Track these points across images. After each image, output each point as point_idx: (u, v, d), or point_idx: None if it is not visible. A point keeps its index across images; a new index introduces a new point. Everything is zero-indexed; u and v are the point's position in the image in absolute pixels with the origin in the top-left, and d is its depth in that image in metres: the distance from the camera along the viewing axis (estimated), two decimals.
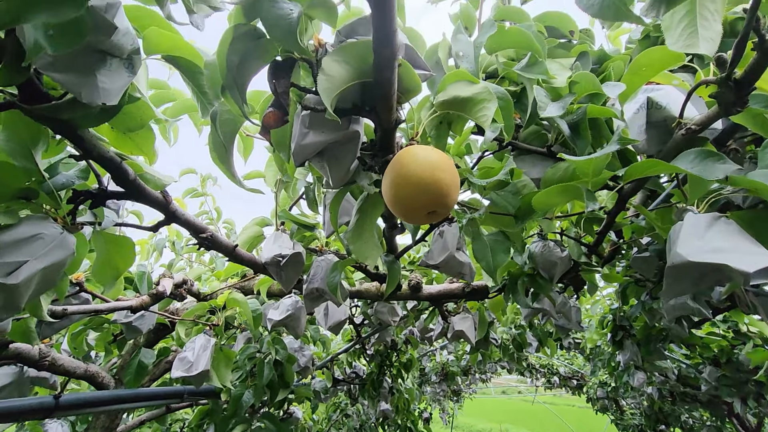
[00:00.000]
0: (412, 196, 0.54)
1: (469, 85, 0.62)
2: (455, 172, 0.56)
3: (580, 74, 0.70)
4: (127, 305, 1.34)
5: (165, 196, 0.84)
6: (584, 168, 0.58)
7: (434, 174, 0.54)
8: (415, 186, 0.54)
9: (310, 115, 0.72)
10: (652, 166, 0.56)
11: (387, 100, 0.60)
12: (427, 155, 0.55)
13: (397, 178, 0.55)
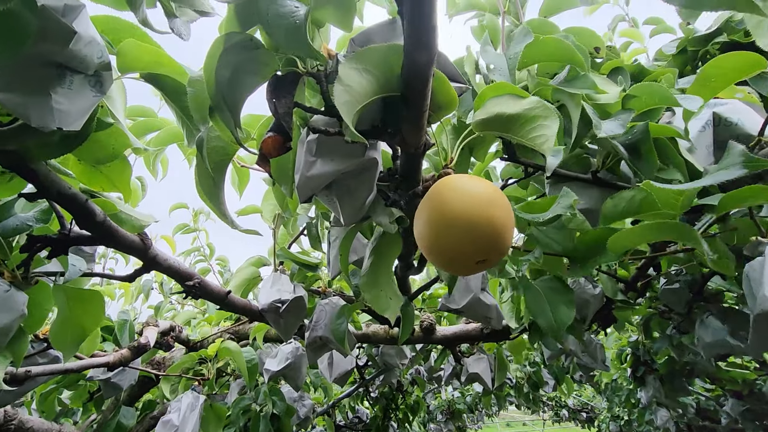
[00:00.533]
0: (460, 241, 0.41)
1: (516, 99, 0.50)
2: (509, 207, 0.44)
3: (641, 87, 0.59)
4: (104, 362, 1.17)
5: (143, 240, 0.70)
6: (671, 199, 0.45)
7: (488, 212, 0.41)
8: (463, 229, 0.41)
9: (318, 141, 0.60)
10: (758, 194, 0.44)
11: (416, 120, 0.48)
12: (474, 187, 0.43)
13: (437, 218, 0.42)
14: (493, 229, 0.41)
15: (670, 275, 1.52)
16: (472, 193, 0.42)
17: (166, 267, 0.76)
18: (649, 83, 0.59)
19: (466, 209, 0.41)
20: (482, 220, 0.41)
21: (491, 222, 0.41)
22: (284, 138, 0.56)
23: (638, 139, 0.59)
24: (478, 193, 0.42)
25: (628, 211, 0.56)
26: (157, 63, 0.58)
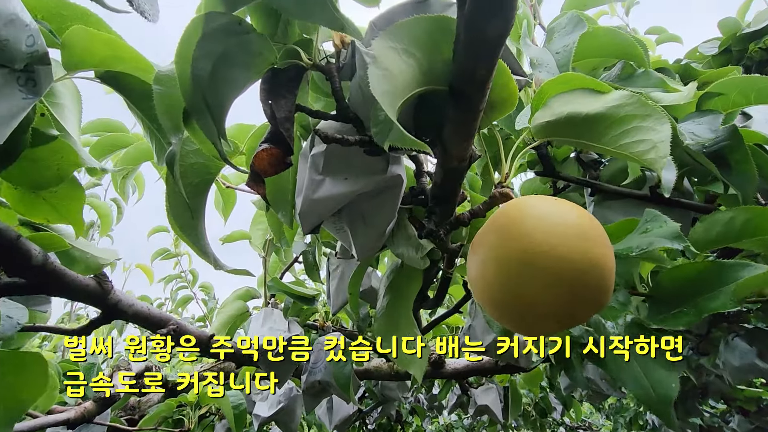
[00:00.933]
0: (546, 294, 0.28)
1: (594, 95, 0.38)
2: (609, 241, 0.31)
3: (731, 81, 0.48)
4: (63, 419, 0.99)
5: (101, 283, 0.55)
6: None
7: (590, 251, 0.28)
8: (554, 275, 0.28)
9: (326, 154, 0.46)
10: None
11: (468, 123, 0.35)
12: (565, 214, 0.30)
13: (509, 259, 0.29)
14: (598, 276, 0.28)
15: None
16: (563, 221, 0.29)
17: (132, 314, 0.61)
18: (742, 76, 0.48)
19: (556, 245, 0.28)
20: (583, 262, 0.28)
21: (596, 265, 0.28)
22: (283, 151, 0.42)
23: (724, 146, 0.48)
24: (572, 222, 0.29)
25: (726, 236, 0.44)
26: (116, 57, 0.45)
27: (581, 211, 0.31)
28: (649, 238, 0.38)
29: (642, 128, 0.34)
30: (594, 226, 0.30)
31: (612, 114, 0.36)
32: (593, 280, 0.28)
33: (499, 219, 0.32)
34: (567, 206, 0.31)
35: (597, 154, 0.68)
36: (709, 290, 0.40)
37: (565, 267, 0.28)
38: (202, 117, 0.39)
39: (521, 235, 0.29)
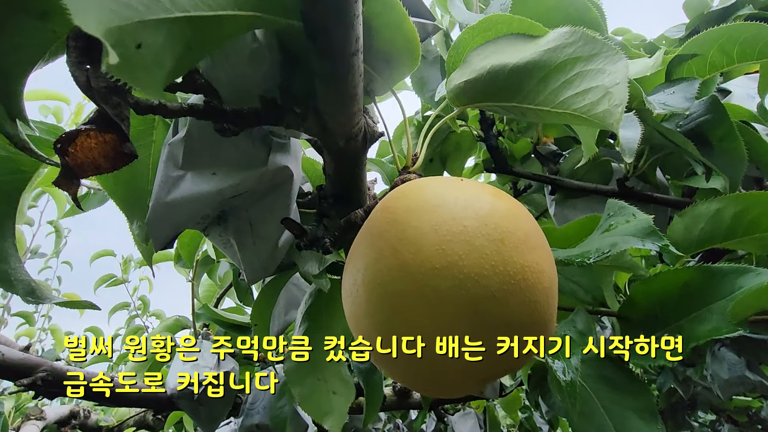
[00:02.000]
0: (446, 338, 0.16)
1: (525, 41, 0.27)
2: (545, 239, 0.19)
3: (711, 35, 0.38)
4: None
5: None
6: None
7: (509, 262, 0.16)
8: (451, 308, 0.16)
9: (186, 142, 0.34)
10: None
11: (338, 74, 0.23)
12: (471, 204, 0.18)
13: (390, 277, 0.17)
14: (527, 298, 0.17)
15: None
16: (471, 214, 0.17)
17: None
18: (722, 27, 0.38)
19: (463, 254, 0.16)
20: (501, 278, 0.16)
21: (521, 281, 0.17)
22: (118, 137, 0.30)
23: (703, 121, 0.38)
24: (484, 214, 0.17)
25: (713, 235, 0.33)
26: None
27: (499, 195, 0.19)
28: (613, 238, 0.27)
29: (588, 72, 0.23)
30: (514, 215, 0.18)
31: (548, 60, 0.25)
32: (520, 308, 0.17)
33: (376, 216, 0.20)
34: (475, 189, 0.19)
35: (554, 146, 0.58)
36: (696, 308, 0.29)
37: (473, 291, 0.16)
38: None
39: (401, 241, 0.18)
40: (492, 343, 0.17)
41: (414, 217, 0.18)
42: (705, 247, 0.34)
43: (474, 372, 0.18)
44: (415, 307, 0.16)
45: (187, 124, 0.35)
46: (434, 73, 0.47)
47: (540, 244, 0.18)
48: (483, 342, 0.17)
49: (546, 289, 0.17)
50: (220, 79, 0.29)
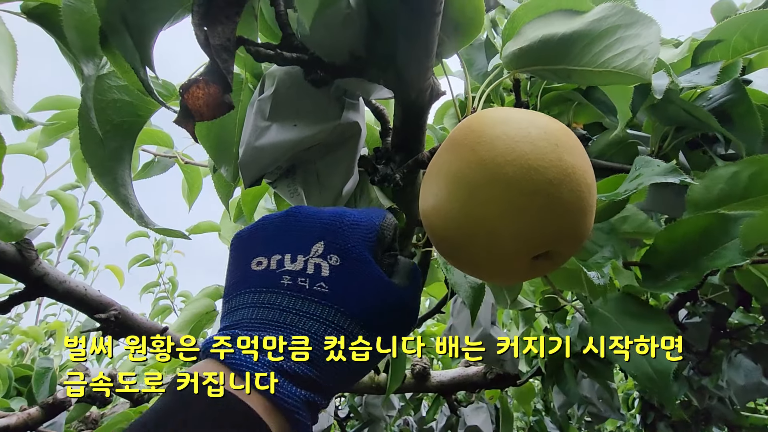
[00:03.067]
0: (511, 212, 0.22)
1: (573, 15, 0.33)
2: (588, 157, 0.25)
3: (736, 21, 0.43)
4: (2, 425, 0.90)
5: (22, 251, 0.49)
6: None
7: (562, 159, 0.22)
8: (519, 187, 0.22)
9: (274, 98, 0.41)
10: None
11: (422, 36, 0.29)
12: (534, 120, 0.24)
13: (468, 171, 0.23)
14: (573, 190, 0.22)
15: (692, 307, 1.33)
16: (532, 127, 0.23)
17: (63, 292, 0.54)
18: (747, 13, 0.43)
19: (525, 151, 0.22)
20: (555, 171, 0.22)
21: (570, 175, 0.22)
22: (221, 87, 0.37)
23: (726, 100, 0.42)
24: (543, 127, 0.23)
25: (730, 195, 0.38)
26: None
27: (558, 123, 0.25)
28: (639, 179, 0.32)
29: (627, 37, 0.28)
30: (567, 133, 0.24)
31: (593, 29, 0.30)
32: (568, 194, 0.22)
33: (455, 133, 0.26)
34: (535, 113, 0.25)
35: (583, 130, 0.63)
36: (713, 247, 0.33)
37: (535, 178, 0.22)
38: (119, 37, 0.34)
39: (480, 143, 0.23)
40: (546, 219, 0.22)
41: (488, 128, 0.23)
42: (723, 206, 0.39)
43: (529, 246, 0.23)
44: (489, 189, 0.22)
45: (275, 83, 0.42)
46: (480, 55, 0.53)
47: (584, 154, 0.24)
48: (539, 218, 0.22)
49: (588, 185, 0.23)
50: (315, 40, 0.35)
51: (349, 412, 2.18)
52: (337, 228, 0.26)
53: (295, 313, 0.23)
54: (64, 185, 1.24)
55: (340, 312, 0.24)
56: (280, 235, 0.27)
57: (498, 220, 0.22)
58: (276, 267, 0.25)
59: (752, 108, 0.40)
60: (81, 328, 1.60)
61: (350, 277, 0.25)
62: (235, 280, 0.26)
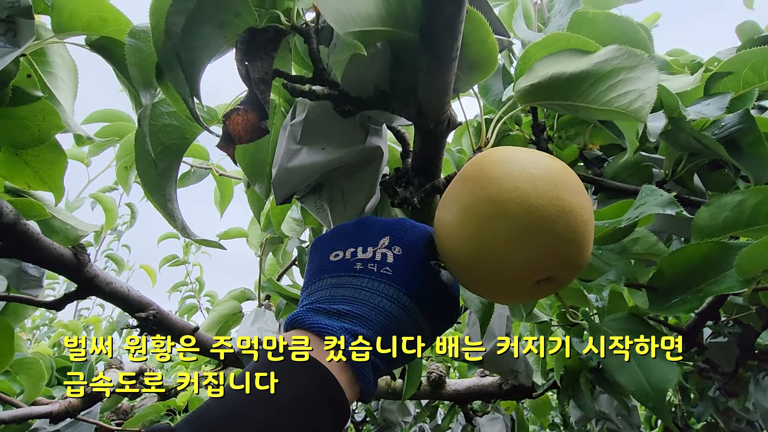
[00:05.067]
0: (514, 243, 0.25)
1: (581, 55, 0.36)
2: (587, 194, 0.27)
3: (741, 57, 0.44)
4: (46, 411, 0.97)
5: (77, 255, 0.54)
6: None
7: (561, 198, 0.25)
8: (521, 222, 0.25)
9: (305, 123, 0.45)
10: None
11: (440, 73, 0.33)
12: (537, 161, 0.27)
13: (476, 205, 0.26)
14: (569, 224, 0.25)
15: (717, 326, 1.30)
16: (535, 168, 0.26)
17: (109, 292, 0.59)
18: (755, 49, 0.44)
19: (526, 190, 0.25)
20: (552, 209, 0.25)
21: (567, 212, 0.25)
22: (258, 115, 0.41)
23: (736, 130, 0.44)
24: (544, 168, 0.26)
25: (735, 222, 0.40)
26: (101, 19, 0.45)
27: (561, 163, 0.28)
28: (642, 209, 0.34)
29: (629, 79, 0.31)
30: (572, 177, 0.27)
31: (598, 70, 0.33)
32: (564, 228, 0.25)
33: (467, 168, 0.29)
34: (544, 156, 0.28)
35: (599, 152, 0.65)
36: (714, 274, 0.35)
37: (535, 215, 0.25)
38: (173, 72, 0.39)
39: (488, 181, 0.26)
40: (545, 248, 0.25)
41: (496, 167, 0.26)
42: (728, 233, 0.40)
43: (530, 272, 0.26)
44: (496, 222, 0.25)
45: (306, 110, 0.46)
46: (497, 82, 0.55)
47: (582, 192, 0.26)
48: (539, 248, 0.25)
49: (585, 222, 0.25)
50: (343, 75, 0.39)
51: (366, 417, 2.21)
52: (401, 227, 0.32)
53: (365, 290, 0.29)
54: (103, 188, 1.32)
55: (401, 290, 0.29)
56: (353, 235, 0.33)
57: (504, 248, 0.25)
58: (350, 257, 0.31)
59: (761, 138, 0.41)
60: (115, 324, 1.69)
61: (409, 264, 0.30)
62: (313, 272, 0.33)
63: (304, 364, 0.25)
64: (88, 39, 0.49)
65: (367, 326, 0.27)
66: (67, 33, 0.47)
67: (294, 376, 0.25)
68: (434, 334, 0.32)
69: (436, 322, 0.31)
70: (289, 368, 0.25)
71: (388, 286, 0.29)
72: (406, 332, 0.29)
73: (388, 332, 0.28)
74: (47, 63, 0.52)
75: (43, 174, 0.51)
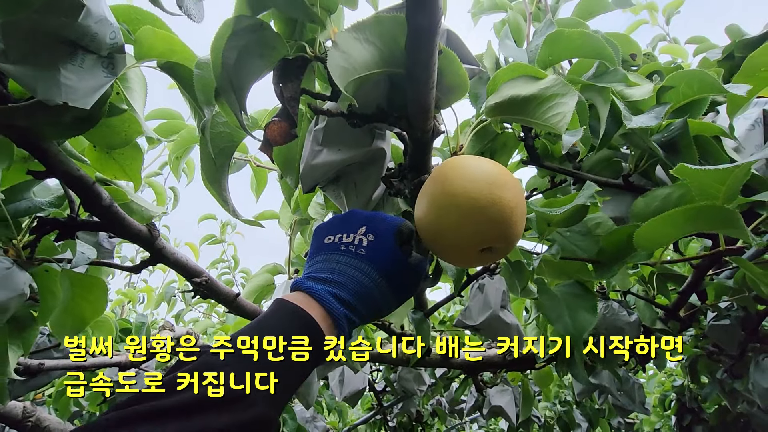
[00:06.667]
0: (460, 224, 0.37)
1: (532, 80, 0.46)
2: (520, 190, 0.39)
3: (679, 75, 0.54)
4: (116, 362, 1.17)
5: (151, 230, 0.70)
6: (711, 188, 0.39)
7: (492, 192, 0.37)
8: (464, 210, 0.37)
9: (325, 130, 0.58)
10: None
11: (421, 98, 0.44)
12: (480, 166, 0.38)
13: (438, 198, 0.38)
14: (498, 211, 0.37)
15: (720, 309, 1.36)
16: (476, 171, 0.38)
17: (173, 261, 0.75)
18: (687, 70, 0.54)
19: (468, 189, 0.37)
20: (487, 201, 0.36)
21: (496, 203, 0.37)
22: (289, 124, 0.54)
23: (676, 135, 0.54)
24: (483, 171, 0.38)
25: (664, 209, 0.50)
26: (171, 50, 0.59)
27: (498, 166, 0.39)
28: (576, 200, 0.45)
29: (560, 103, 0.42)
30: (507, 178, 0.38)
31: (542, 94, 0.44)
32: (498, 218, 0.37)
33: (435, 172, 0.41)
34: (486, 162, 0.39)
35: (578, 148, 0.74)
36: (633, 250, 0.46)
37: (476, 207, 0.37)
38: (227, 94, 0.52)
39: (446, 180, 0.39)
40: (482, 228, 0.37)
41: (452, 171, 0.38)
42: None
43: (474, 244, 0.38)
44: (450, 209, 0.37)
45: (326, 119, 0.58)
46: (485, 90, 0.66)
47: (513, 188, 0.38)
48: (476, 228, 0.37)
49: (512, 209, 0.37)
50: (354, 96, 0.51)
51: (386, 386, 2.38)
52: (375, 219, 0.42)
53: (346, 264, 0.40)
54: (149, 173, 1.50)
55: (371, 266, 0.40)
56: (341, 224, 0.44)
57: (455, 228, 0.37)
58: (338, 241, 0.42)
59: (691, 142, 0.51)
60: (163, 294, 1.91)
61: (379, 247, 0.40)
62: (313, 250, 0.45)
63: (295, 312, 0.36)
64: (159, 62, 0.63)
65: (343, 290, 0.38)
66: (145, 59, 0.61)
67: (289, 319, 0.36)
68: (398, 301, 0.42)
69: (398, 292, 0.41)
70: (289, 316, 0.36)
71: (361, 262, 0.39)
72: (373, 297, 0.39)
73: (360, 296, 0.38)
74: (126, 80, 0.67)
75: (126, 168, 0.66)
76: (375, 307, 0.41)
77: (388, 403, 2.45)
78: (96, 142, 0.62)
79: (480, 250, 0.39)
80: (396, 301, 0.42)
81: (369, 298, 0.39)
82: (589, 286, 0.52)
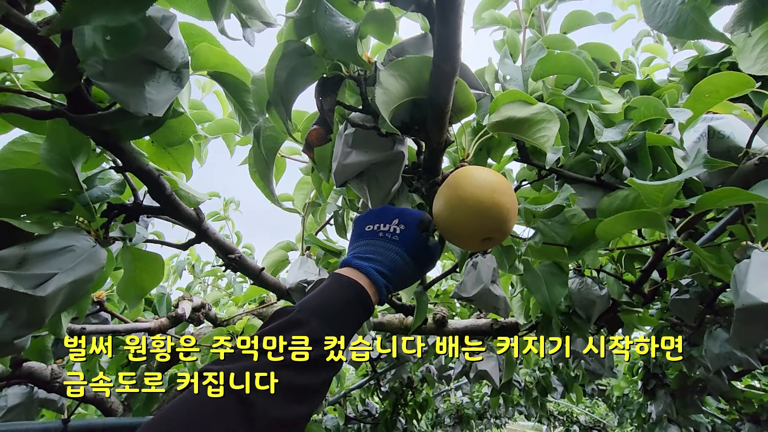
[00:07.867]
0: (469, 220, 0.50)
1: (525, 105, 0.59)
2: (514, 195, 0.52)
3: (640, 99, 0.67)
4: (146, 327, 1.30)
5: (198, 214, 0.82)
6: (653, 195, 0.53)
7: (493, 197, 0.50)
8: (472, 209, 0.50)
9: (354, 135, 0.70)
10: (731, 196, 0.51)
11: (439, 119, 0.57)
12: (485, 176, 0.52)
13: (452, 199, 0.52)
14: (497, 211, 0.50)
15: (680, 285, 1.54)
16: (482, 180, 0.51)
17: (214, 240, 0.87)
18: (645, 97, 0.67)
19: (476, 194, 0.50)
20: (489, 203, 0.50)
21: (496, 205, 0.50)
22: (326, 130, 0.66)
23: (636, 146, 0.67)
24: (487, 180, 0.51)
25: (622, 208, 0.64)
26: (224, 64, 0.70)
27: (498, 176, 0.53)
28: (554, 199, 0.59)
29: (546, 127, 0.55)
30: (504, 186, 0.52)
31: (532, 118, 0.57)
32: (496, 216, 0.50)
33: (449, 179, 0.54)
34: (489, 173, 0.53)
35: None
36: (596, 239, 0.60)
37: (480, 207, 0.50)
38: (278, 106, 0.64)
39: (457, 187, 0.52)
40: (485, 223, 0.50)
41: (462, 179, 0.52)
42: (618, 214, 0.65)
43: (478, 234, 0.51)
44: (460, 209, 0.50)
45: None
46: (487, 102, 0.79)
47: (509, 194, 0.51)
48: (481, 223, 0.50)
49: (508, 209, 0.50)
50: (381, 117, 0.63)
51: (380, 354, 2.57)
52: (403, 213, 0.56)
53: (384, 248, 0.53)
54: None
55: (403, 249, 0.53)
56: (378, 216, 0.57)
57: (464, 222, 0.51)
58: (376, 229, 0.55)
59: (646, 152, 0.65)
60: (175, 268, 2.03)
61: (408, 234, 0.54)
62: (355, 236, 0.58)
63: (350, 283, 0.49)
64: (211, 72, 0.73)
65: (383, 266, 0.51)
66: (200, 70, 0.71)
67: (345, 288, 0.49)
68: (420, 274, 0.56)
69: (422, 266, 0.55)
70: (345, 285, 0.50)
71: (396, 245, 0.53)
72: (403, 271, 0.53)
73: (395, 270, 0.52)
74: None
75: (179, 161, 0.78)
76: (404, 279, 0.54)
77: (381, 369, 2.65)
78: (157, 140, 0.73)
79: (482, 239, 0.52)
80: (419, 274, 0.56)
81: (401, 272, 0.53)
82: (564, 267, 0.67)
